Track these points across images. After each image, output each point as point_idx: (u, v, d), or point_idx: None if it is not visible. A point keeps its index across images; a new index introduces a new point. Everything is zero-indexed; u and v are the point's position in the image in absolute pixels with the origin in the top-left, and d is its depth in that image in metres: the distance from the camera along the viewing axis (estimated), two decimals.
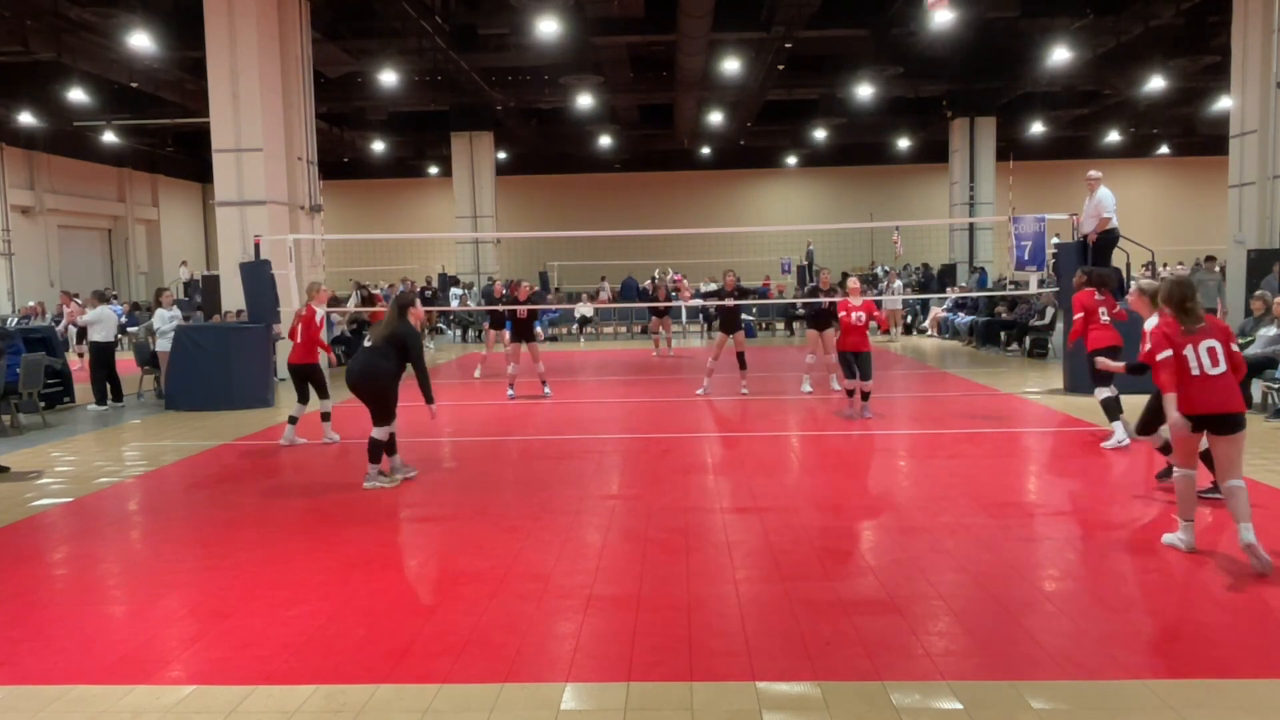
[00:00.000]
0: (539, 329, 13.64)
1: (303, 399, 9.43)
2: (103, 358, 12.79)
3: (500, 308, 13.29)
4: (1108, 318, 8.53)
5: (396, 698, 3.74)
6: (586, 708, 3.64)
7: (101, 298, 14.08)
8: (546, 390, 12.49)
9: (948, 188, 29.78)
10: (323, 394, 9.48)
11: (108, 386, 12.76)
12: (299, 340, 9.33)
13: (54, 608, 4.90)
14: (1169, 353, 5.15)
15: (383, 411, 7.36)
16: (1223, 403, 5.05)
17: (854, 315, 9.99)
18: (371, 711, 3.63)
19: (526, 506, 6.77)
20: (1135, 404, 10.62)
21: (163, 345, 12.82)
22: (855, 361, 10.05)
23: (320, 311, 9.54)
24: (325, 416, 9.59)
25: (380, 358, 7.30)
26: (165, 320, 12.89)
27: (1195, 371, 5.10)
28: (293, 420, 9.48)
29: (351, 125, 31.13)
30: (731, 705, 3.61)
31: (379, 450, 7.46)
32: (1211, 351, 5.10)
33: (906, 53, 22.81)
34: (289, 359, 9.53)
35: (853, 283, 10.49)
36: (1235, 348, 5.23)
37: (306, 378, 9.37)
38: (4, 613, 4.81)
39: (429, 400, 7.36)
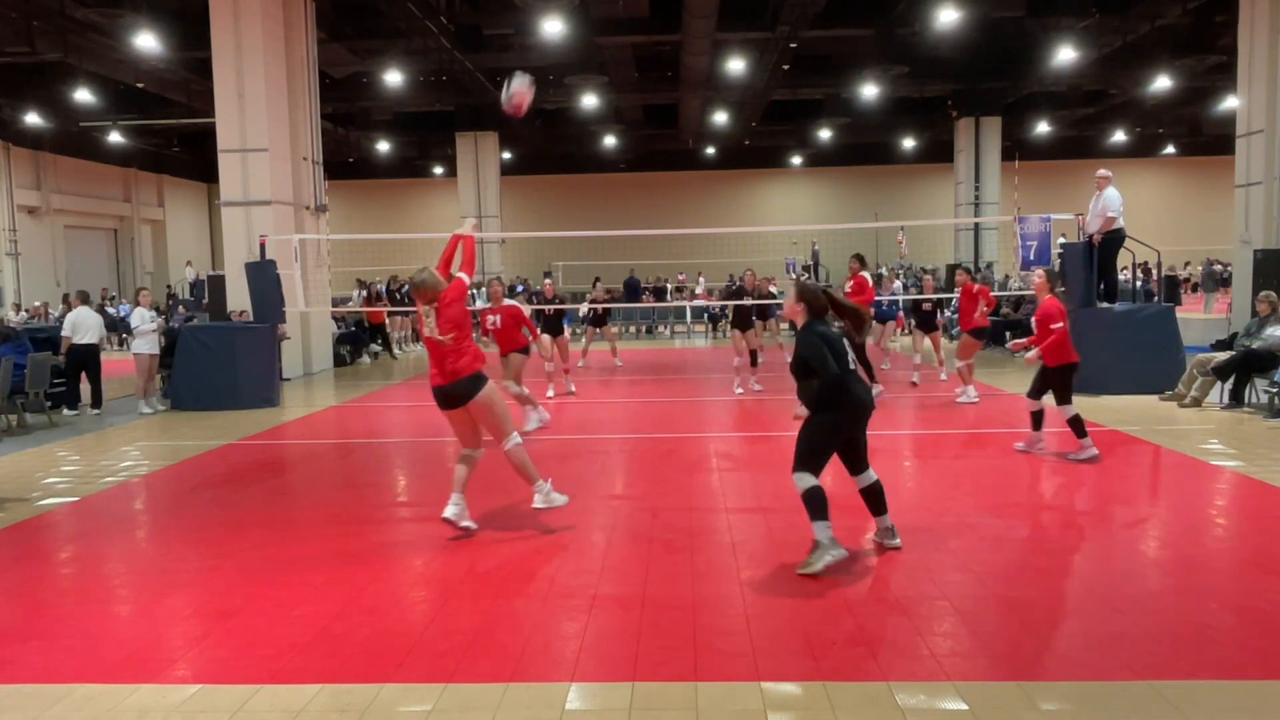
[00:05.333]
0: (566, 325, 13.87)
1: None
2: (80, 360, 11.98)
3: (542, 308, 13.25)
4: None
5: (401, 697, 3.74)
6: (591, 707, 3.64)
7: (85, 298, 13.11)
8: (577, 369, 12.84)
9: (953, 187, 29.76)
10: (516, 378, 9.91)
11: (85, 391, 12.16)
12: (501, 331, 9.86)
13: (59, 607, 4.90)
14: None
15: None
16: None
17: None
18: (376, 711, 3.63)
19: (529, 506, 6.76)
20: (1137, 404, 10.60)
21: (139, 346, 11.98)
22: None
23: (526, 309, 10.17)
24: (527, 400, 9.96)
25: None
26: (143, 320, 11.97)
27: None
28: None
29: (357, 125, 31.22)
30: (736, 705, 3.60)
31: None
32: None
33: (911, 52, 22.80)
34: (501, 351, 10.01)
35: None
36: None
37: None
38: (9, 612, 4.82)
39: None
